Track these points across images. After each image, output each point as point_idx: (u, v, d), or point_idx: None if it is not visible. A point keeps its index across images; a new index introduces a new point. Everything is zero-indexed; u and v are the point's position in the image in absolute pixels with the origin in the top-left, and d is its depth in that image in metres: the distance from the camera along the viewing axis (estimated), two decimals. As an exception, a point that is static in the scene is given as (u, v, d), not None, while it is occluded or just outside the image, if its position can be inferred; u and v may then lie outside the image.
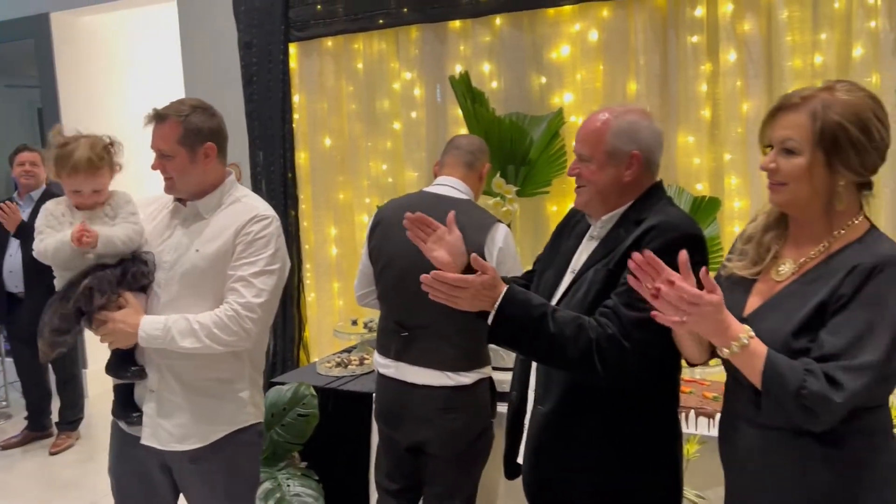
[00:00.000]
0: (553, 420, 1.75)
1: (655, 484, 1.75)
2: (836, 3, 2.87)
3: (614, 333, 1.58)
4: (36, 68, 5.47)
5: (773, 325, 1.43)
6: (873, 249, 1.40)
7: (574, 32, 3.34)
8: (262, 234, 2.01)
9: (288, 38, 3.97)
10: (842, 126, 1.39)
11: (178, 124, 2.00)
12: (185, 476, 2.12)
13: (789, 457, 1.45)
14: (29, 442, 4.55)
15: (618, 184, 1.72)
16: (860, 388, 1.31)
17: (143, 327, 1.97)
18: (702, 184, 3.14)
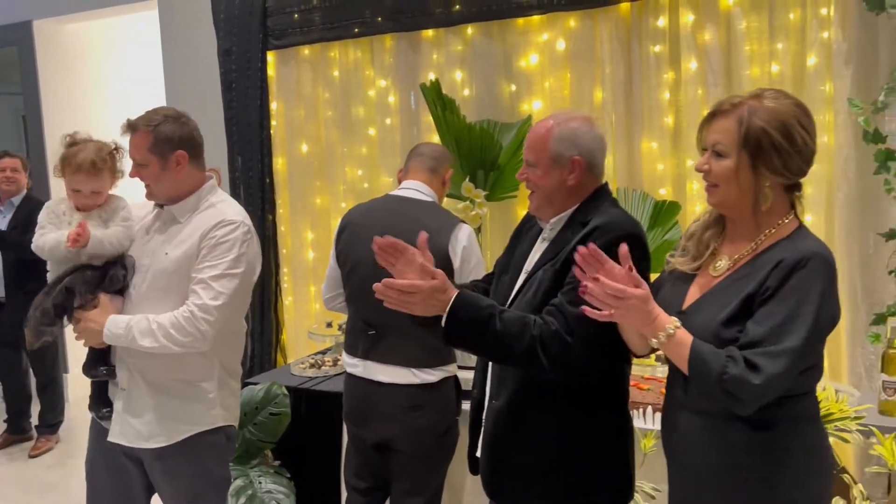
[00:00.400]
0: (506, 414, 1.82)
1: (606, 474, 1.82)
2: (792, 14, 2.97)
3: (557, 329, 1.66)
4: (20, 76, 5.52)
5: (707, 317, 1.52)
6: (798, 245, 1.49)
7: (542, 42, 3.43)
8: (225, 238, 2.07)
9: (266, 46, 4.04)
10: (765, 131, 1.47)
11: (148, 134, 2.07)
12: (153, 472, 2.18)
13: (718, 441, 1.54)
14: (9, 445, 4.60)
15: (562, 187, 1.80)
16: (777, 372, 1.40)
17: (108, 326, 2.05)
18: (665, 188, 3.23)
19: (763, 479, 1.51)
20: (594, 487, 1.81)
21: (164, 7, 4.60)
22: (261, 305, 4.13)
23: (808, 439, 1.54)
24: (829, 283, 1.46)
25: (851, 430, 2.22)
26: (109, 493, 2.24)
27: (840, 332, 2.98)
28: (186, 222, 2.13)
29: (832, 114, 2.93)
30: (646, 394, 2.61)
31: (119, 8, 4.89)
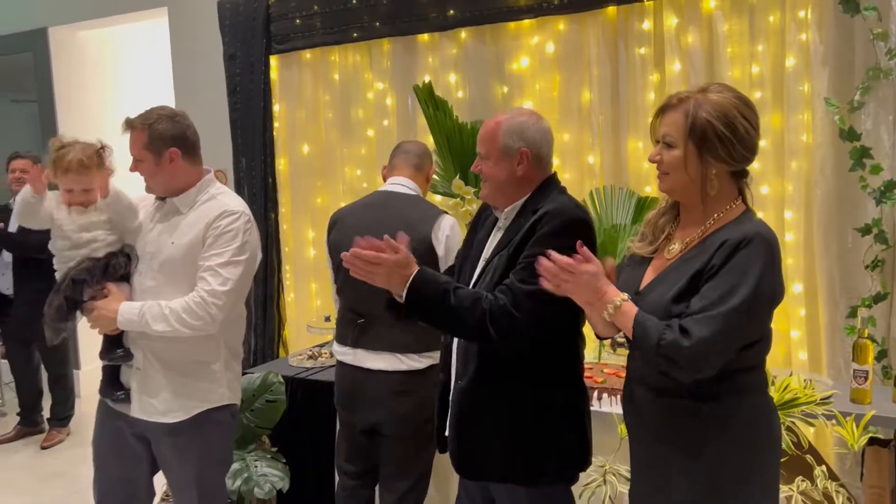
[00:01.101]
0: (469, 393, 1.95)
1: (565, 444, 1.93)
2: (771, 17, 3.06)
3: (505, 304, 1.79)
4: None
5: (658, 295, 1.63)
6: (741, 227, 1.60)
7: (533, 45, 3.55)
8: (230, 227, 2.20)
9: (269, 50, 4.19)
10: (709, 122, 1.58)
11: (143, 132, 2.21)
12: (161, 449, 2.31)
13: (666, 411, 1.65)
14: (22, 437, 4.74)
15: (513, 177, 1.94)
16: (705, 335, 1.49)
17: (121, 312, 2.18)
18: (650, 186, 3.32)
19: (708, 449, 1.61)
20: (555, 457, 1.93)
21: (174, 14, 4.76)
22: (263, 301, 4.26)
23: (753, 412, 1.64)
24: (770, 261, 1.55)
25: (817, 415, 2.30)
26: (116, 471, 2.36)
27: (819, 326, 3.06)
28: (188, 213, 2.26)
29: (810, 113, 3.02)
30: (624, 381, 2.71)
31: (130, 15, 5.05)
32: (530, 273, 1.75)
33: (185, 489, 2.33)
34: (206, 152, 4.95)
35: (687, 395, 1.60)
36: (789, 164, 3.07)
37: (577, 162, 3.50)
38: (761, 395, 1.67)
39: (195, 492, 2.31)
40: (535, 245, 1.83)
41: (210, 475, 2.35)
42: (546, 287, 1.62)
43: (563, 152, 3.53)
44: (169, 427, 2.26)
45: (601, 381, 2.72)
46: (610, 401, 2.66)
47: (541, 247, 1.79)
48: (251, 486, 2.83)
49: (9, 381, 5.48)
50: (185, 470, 2.31)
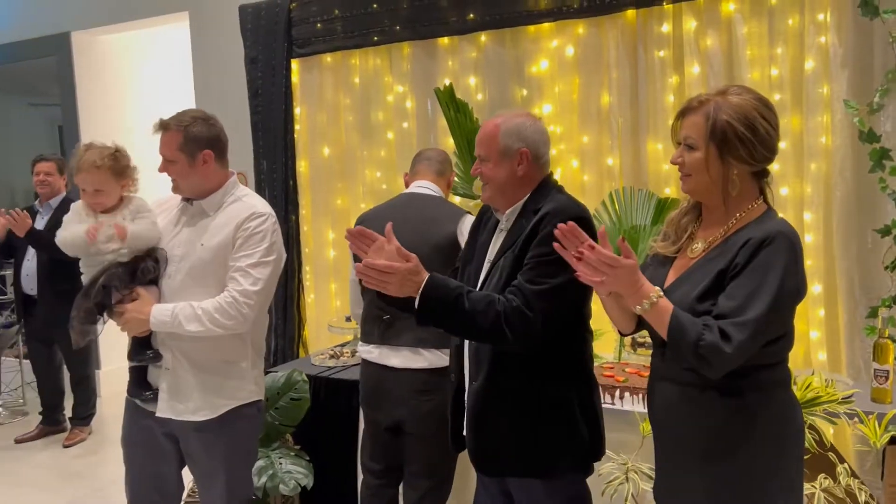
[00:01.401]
0: (483, 393, 1.99)
1: (580, 435, 1.97)
2: (790, 20, 3.09)
3: (518, 305, 1.83)
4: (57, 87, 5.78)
5: (683, 293, 1.66)
6: (764, 226, 1.63)
7: (552, 48, 3.58)
8: (258, 229, 2.25)
9: (290, 54, 4.25)
10: (730, 124, 1.61)
11: (178, 133, 2.25)
12: (190, 445, 2.35)
13: (692, 407, 1.67)
14: (44, 436, 4.81)
15: (513, 178, 1.97)
16: (744, 339, 1.53)
17: (154, 314, 2.23)
18: (670, 188, 3.35)
19: (733, 442, 1.64)
20: (569, 449, 1.97)
21: (195, 19, 4.83)
22: (283, 302, 4.31)
23: (778, 406, 1.67)
24: (792, 259, 1.58)
25: (839, 414, 2.32)
26: (147, 468, 2.41)
27: (839, 326, 3.08)
28: (216, 215, 2.30)
29: (829, 115, 3.04)
30: (646, 380, 2.72)
31: (152, 20, 5.13)
32: (538, 273, 1.83)
33: (213, 484, 2.37)
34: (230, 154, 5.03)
35: (713, 390, 1.63)
36: (808, 166, 3.09)
37: (596, 164, 3.53)
38: (785, 391, 1.70)
39: (223, 486, 2.35)
40: (539, 245, 1.87)
41: (238, 469, 2.40)
42: (583, 280, 1.65)
43: (582, 154, 3.56)
44: (198, 424, 2.30)
45: (623, 380, 2.75)
46: (632, 399, 2.68)
47: (545, 246, 1.84)
48: (276, 483, 2.87)
49: (30, 380, 5.56)
50: (214, 465, 2.35)
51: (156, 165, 2.37)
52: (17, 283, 4.63)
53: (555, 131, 3.61)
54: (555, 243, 1.68)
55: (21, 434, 4.82)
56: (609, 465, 2.50)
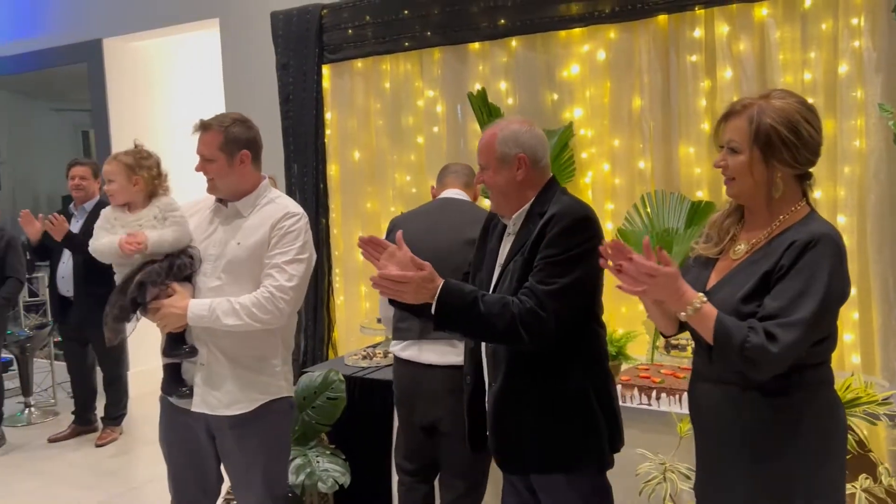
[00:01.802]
0: (503, 394, 2.04)
1: (595, 428, 2.01)
2: (824, 24, 3.11)
3: (532, 306, 1.88)
4: (81, 93, 5.88)
5: (727, 295, 1.68)
6: (809, 228, 1.64)
7: (584, 53, 3.62)
8: (293, 228, 2.32)
9: (322, 60, 4.31)
10: (773, 128, 1.63)
11: (219, 133, 2.32)
12: (225, 442, 2.39)
13: (736, 407, 1.69)
14: (76, 436, 4.88)
15: (513, 184, 2.03)
16: (792, 341, 1.55)
17: (191, 309, 2.28)
18: (701, 191, 3.37)
19: (778, 441, 1.65)
20: (590, 442, 2.01)
21: (225, 25, 4.91)
22: (314, 303, 4.36)
23: (822, 405, 1.68)
24: (838, 261, 1.59)
25: (879, 415, 2.33)
26: (188, 464, 2.45)
27: (873, 329, 3.08)
28: (250, 216, 2.36)
29: (863, 119, 3.05)
30: (682, 381, 2.75)
31: (183, 26, 5.21)
32: (548, 274, 1.89)
33: (250, 481, 2.41)
34: (260, 159, 5.04)
35: (756, 391, 1.64)
36: (842, 170, 3.10)
37: (627, 167, 3.56)
38: (829, 391, 1.71)
39: (260, 481, 2.40)
40: (547, 247, 1.92)
41: (274, 464, 2.44)
42: (625, 291, 1.68)
43: (613, 158, 3.59)
44: (233, 420, 2.34)
45: (659, 381, 2.77)
46: (668, 400, 2.70)
47: (554, 247, 1.91)
48: (314, 481, 2.91)
49: (61, 381, 5.66)
50: (250, 460, 2.39)
51: (185, 170, 2.43)
52: (53, 285, 4.72)
53: (585, 135, 3.64)
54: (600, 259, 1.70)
55: (54, 433, 4.89)
56: (646, 465, 2.53)
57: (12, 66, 6.18)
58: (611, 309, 3.55)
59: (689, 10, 3.30)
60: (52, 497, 4.01)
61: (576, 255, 1.92)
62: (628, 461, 2.74)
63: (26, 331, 5.34)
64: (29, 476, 4.29)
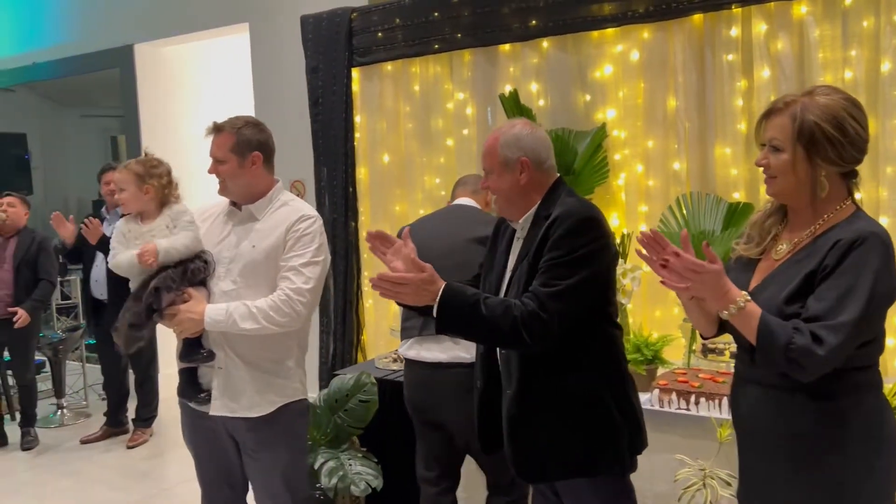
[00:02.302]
0: (517, 399, 2.00)
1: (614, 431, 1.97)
2: (865, 21, 3.04)
3: (534, 308, 1.84)
4: (110, 99, 5.96)
5: (770, 295, 1.64)
6: (854, 226, 1.59)
7: (616, 53, 3.58)
8: (308, 231, 2.33)
9: (351, 63, 4.31)
10: (818, 125, 1.58)
11: (231, 135, 2.33)
12: (247, 445, 2.39)
13: (781, 410, 1.64)
14: (108, 437, 4.93)
15: (517, 187, 2.00)
16: (839, 343, 1.50)
17: (208, 314, 2.27)
18: (738, 192, 3.31)
19: (825, 446, 1.60)
20: (609, 445, 1.96)
21: (255, 30, 4.94)
22: (343, 307, 4.36)
23: (870, 410, 1.62)
24: (885, 260, 1.54)
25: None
26: (216, 465, 2.46)
27: (915, 333, 3.00)
28: (264, 219, 2.37)
29: (906, 118, 2.98)
30: (721, 386, 2.70)
31: (213, 31, 5.26)
32: (551, 276, 1.86)
33: (272, 482, 2.40)
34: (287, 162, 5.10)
35: (802, 393, 1.60)
36: (884, 170, 3.03)
37: (662, 168, 3.51)
38: (877, 396, 1.66)
39: (281, 481, 2.40)
40: (551, 249, 1.89)
41: (293, 466, 2.44)
42: (669, 286, 1.65)
43: (647, 159, 3.55)
44: (251, 422, 2.34)
45: (698, 385, 2.72)
46: (707, 405, 2.65)
47: (557, 249, 1.88)
48: (347, 484, 2.90)
49: (92, 383, 5.72)
50: (270, 462, 2.39)
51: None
52: (87, 288, 4.78)
53: (619, 136, 3.60)
54: (637, 250, 1.67)
55: (85, 435, 4.95)
56: (686, 470, 2.48)
57: (45, 72, 6.29)
58: (645, 312, 3.51)
59: (725, 8, 3.25)
60: (86, 497, 4.04)
61: (580, 257, 1.88)
62: (667, 467, 2.70)
63: (59, 333, 5.40)
64: (62, 476, 4.33)
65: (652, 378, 2.99)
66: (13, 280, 4.73)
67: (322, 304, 4.42)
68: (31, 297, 4.73)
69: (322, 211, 4.43)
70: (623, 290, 3.24)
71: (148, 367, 4.85)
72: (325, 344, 4.46)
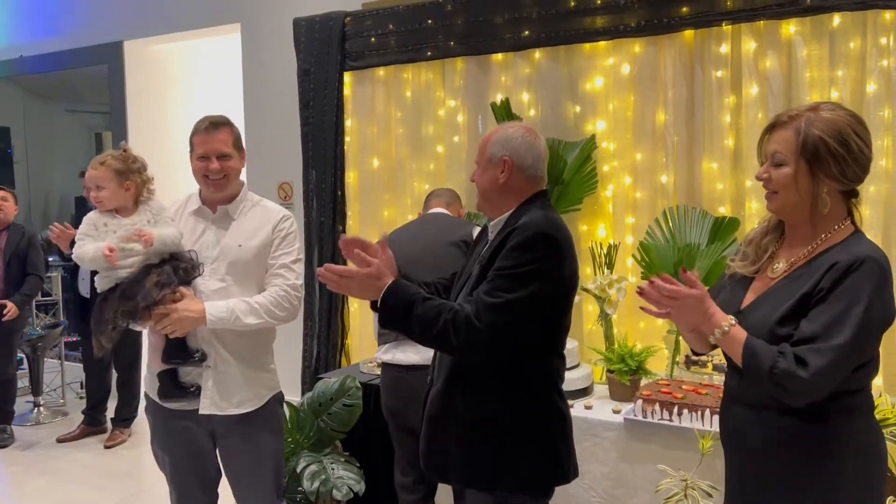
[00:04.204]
0: (439, 398, 2.00)
1: (527, 458, 1.92)
2: (852, 42, 3.09)
3: (468, 314, 1.82)
4: (96, 95, 5.89)
5: (763, 315, 1.63)
6: (852, 249, 1.57)
7: (608, 66, 3.61)
8: (291, 229, 2.44)
9: (343, 67, 4.31)
10: (822, 139, 1.57)
11: (232, 131, 2.39)
12: (231, 440, 2.39)
13: (768, 430, 1.63)
14: (85, 436, 4.88)
15: (495, 185, 1.99)
16: (823, 366, 1.48)
17: (210, 311, 2.26)
18: (724, 207, 3.35)
19: (814, 469, 1.58)
20: (515, 469, 1.91)
21: (247, 30, 4.92)
22: (328, 311, 4.35)
23: (861, 433, 1.61)
24: (881, 285, 1.52)
25: (907, 437, 2.30)
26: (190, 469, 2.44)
27: (895, 350, 3.05)
28: (240, 218, 2.41)
29: (890, 139, 3.04)
30: (703, 397, 2.73)
31: (205, 31, 5.22)
32: (495, 286, 1.82)
33: (260, 475, 2.42)
34: (276, 164, 5.09)
35: (790, 416, 1.58)
36: (867, 188, 3.08)
37: (649, 181, 3.54)
38: (868, 419, 1.64)
39: (271, 472, 2.44)
40: (503, 258, 1.85)
41: (279, 454, 2.50)
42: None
43: (635, 171, 3.58)
44: (241, 417, 2.36)
45: (681, 396, 2.75)
46: (690, 416, 2.67)
47: (506, 260, 1.84)
48: (329, 488, 2.89)
49: (70, 381, 5.66)
50: (259, 455, 2.42)
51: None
52: (74, 286, 4.75)
53: (608, 148, 3.63)
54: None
55: (63, 434, 4.89)
56: (667, 481, 2.50)
57: (33, 66, 6.22)
58: (630, 323, 3.54)
59: (716, 25, 3.30)
60: (63, 497, 3.99)
61: (527, 272, 1.82)
62: (649, 477, 2.72)
63: (38, 330, 5.34)
64: (38, 475, 4.28)
65: (635, 389, 3.02)
66: (3, 274, 4.70)
67: (307, 308, 4.40)
68: (19, 290, 4.70)
69: (309, 214, 4.43)
70: (609, 300, 3.27)
71: (131, 367, 4.80)
72: (309, 347, 4.44)
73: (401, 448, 2.87)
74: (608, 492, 2.82)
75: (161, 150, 5.07)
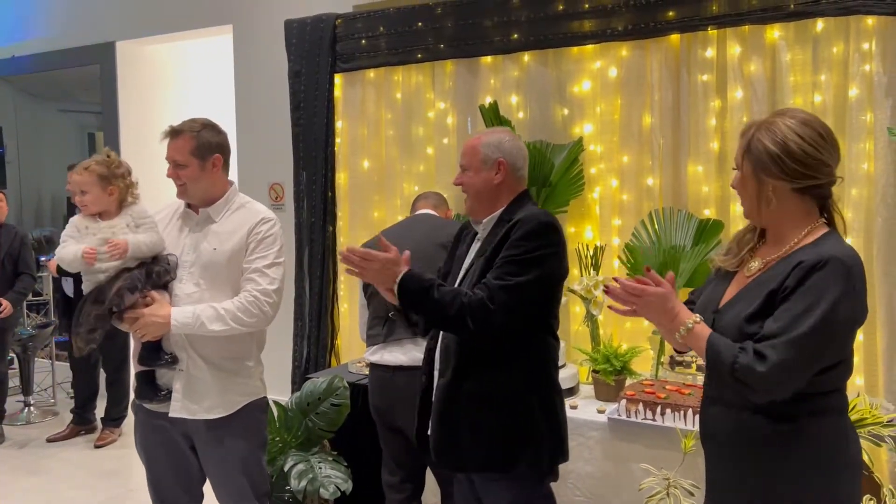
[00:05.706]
0: (448, 389, 2.11)
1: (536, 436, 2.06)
2: (835, 47, 3.14)
3: (482, 297, 1.99)
4: (89, 95, 5.90)
5: (735, 313, 1.67)
6: (819, 249, 1.60)
7: (595, 69, 3.65)
8: (269, 233, 2.38)
9: (334, 69, 4.33)
10: (759, 141, 1.64)
11: (191, 138, 2.35)
12: (206, 444, 2.40)
13: (741, 430, 1.66)
14: (75, 435, 4.89)
15: (490, 186, 2.16)
16: (780, 360, 1.51)
17: (175, 317, 2.26)
18: (709, 209, 3.39)
19: (785, 469, 1.61)
20: (529, 448, 2.06)
21: (239, 32, 4.94)
22: (318, 311, 4.37)
23: (831, 434, 1.63)
24: (847, 285, 1.54)
25: (884, 437, 2.34)
26: (169, 466, 2.45)
27: (877, 352, 3.09)
28: (222, 221, 2.39)
29: (872, 142, 3.07)
30: (687, 397, 2.76)
31: (197, 31, 5.24)
32: (504, 271, 2.00)
33: (231, 482, 2.42)
34: (266, 165, 5.11)
35: (764, 415, 1.61)
36: (850, 192, 3.12)
37: (636, 183, 3.57)
38: (840, 418, 1.66)
39: (244, 479, 2.42)
40: (509, 247, 2.03)
41: (254, 461, 2.46)
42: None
43: (621, 173, 3.62)
44: (211, 423, 2.35)
45: (664, 396, 2.78)
46: (673, 416, 2.71)
47: (514, 248, 2.02)
48: (317, 487, 2.91)
49: (61, 380, 5.66)
50: (231, 462, 2.40)
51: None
52: (60, 286, 4.77)
53: (595, 150, 3.66)
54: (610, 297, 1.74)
55: (53, 433, 4.90)
56: (650, 479, 2.53)
57: (25, 65, 6.22)
58: (615, 324, 3.57)
59: (701, 30, 3.34)
60: (52, 496, 4.00)
61: (534, 258, 2.01)
62: (632, 476, 2.75)
63: (29, 329, 5.35)
64: (28, 475, 4.29)
65: (620, 388, 3.05)
66: None
67: (297, 308, 4.43)
68: (13, 289, 4.70)
69: (300, 214, 4.45)
70: (594, 301, 3.30)
71: (119, 367, 4.80)
72: (298, 347, 4.46)
73: (388, 447, 2.91)
74: (592, 490, 2.85)
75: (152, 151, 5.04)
